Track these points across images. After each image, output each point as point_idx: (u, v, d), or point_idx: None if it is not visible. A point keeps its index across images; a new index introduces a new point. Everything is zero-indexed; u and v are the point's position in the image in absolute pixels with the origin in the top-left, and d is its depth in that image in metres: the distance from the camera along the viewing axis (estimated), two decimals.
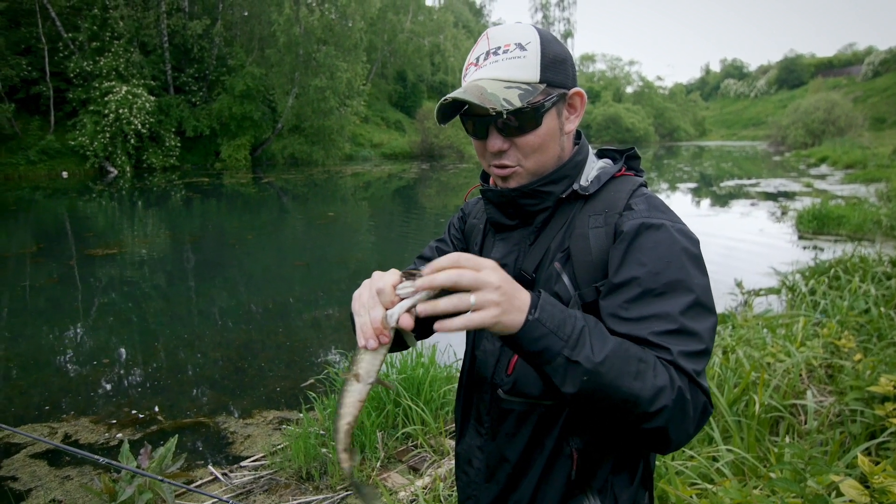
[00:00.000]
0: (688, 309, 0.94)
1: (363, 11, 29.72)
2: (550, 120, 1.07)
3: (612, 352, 0.86)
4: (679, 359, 0.91)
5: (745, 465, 2.62)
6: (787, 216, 12.98)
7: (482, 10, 66.73)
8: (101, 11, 25.27)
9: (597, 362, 0.84)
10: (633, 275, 0.97)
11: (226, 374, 5.10)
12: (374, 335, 0.89)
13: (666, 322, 0.93)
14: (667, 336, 0.92)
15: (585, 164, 1.15)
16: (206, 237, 11.97)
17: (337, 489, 3.14)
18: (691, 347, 0.93)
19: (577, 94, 1.10)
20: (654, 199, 1.07)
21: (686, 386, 0.90)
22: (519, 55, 1.04)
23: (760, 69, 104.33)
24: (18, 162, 22.75)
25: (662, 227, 1.00)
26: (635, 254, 0.98)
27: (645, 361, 0.88)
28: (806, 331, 4.12)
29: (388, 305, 0.89)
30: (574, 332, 0.86)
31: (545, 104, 1.05)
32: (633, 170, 1.17)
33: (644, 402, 0.86)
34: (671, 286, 0.95)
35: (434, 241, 1.39)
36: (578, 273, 1.05)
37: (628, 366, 0.86)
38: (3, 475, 3.49)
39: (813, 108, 41.17)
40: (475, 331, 1.26)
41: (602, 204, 1.08)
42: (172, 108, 26.61)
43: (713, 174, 26.86)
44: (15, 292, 7.68)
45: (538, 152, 1.08)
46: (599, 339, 0.87)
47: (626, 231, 1.01)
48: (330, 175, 25.45)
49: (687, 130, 77.96)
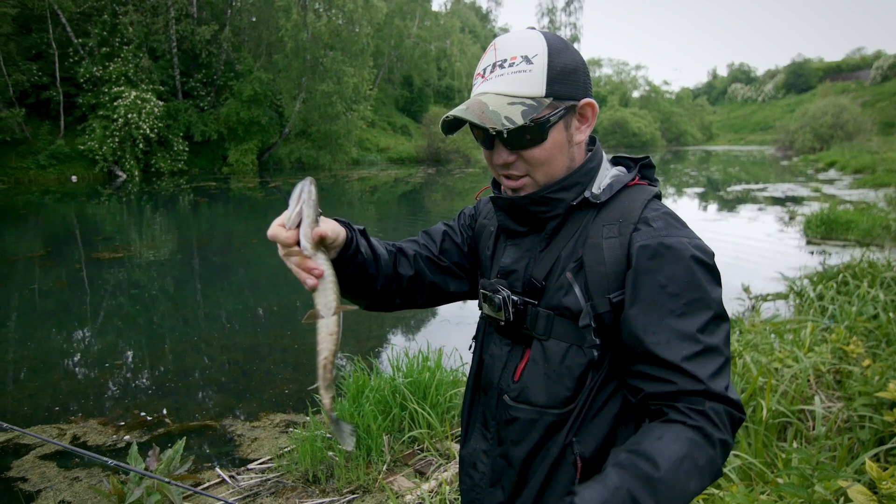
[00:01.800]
0: (707, 325, 0.97)
1: (370, 17, 29.88)
2: (557, 133, 1.06)
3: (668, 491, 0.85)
4: (709, 384, 0.94)
5: (753, 471, 2.61)
6: (795, 221, 12.92)
7: (488, 15, 66.92)
8: (110, 17, 25.57)
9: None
10: (654, 298, 0.98)
11: (233, 377, 5.12)
12: (305, 274, 0.98)
13: (692, 344, 0.95)
14: (695, 361, 0.94)
15: (598, 172, 1.14)
16: (213, 241, 12.03)
17: (343, 493, 3.15)
18: (715, 365, 0.96)
19: (587, 105, 1.09)
20: (669, 216, 1.06)
21: (723, 423, 0.93)
22: (525, 69, 1.03)
23: (768, 73, 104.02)
24: (29, 166, 22.97)
25: (679, 246, 1.00)
26: (654, 275, 0.99)
27: (687, 457, 0.88)
28: (814, 336, 4.10)
29: (292, 241, 0.97)
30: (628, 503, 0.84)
31: (551, 119, 1.04)
32: (646, 179, 1.17)
33: (706, 485, 0.91)
34: (690, 305, 0.97)
35: (442, 223, 1.38)
36: (591, 284, 1.04)
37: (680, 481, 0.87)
38: (13, 476, 3.52)
39: (821, 112, 40.95)
40: (483, 334, 1.28)
41: (616, 213, 1.07)
42: (181, 112, 26.82)
43: (720, 179, 26.77)
44: (24, 295, 7.75)
45: (545, 165, 1.08)
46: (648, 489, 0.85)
47: (642, 251, 1.00)
48: (336, 179, 25.54)
49: (694, 135, 77.80)
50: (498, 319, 1.15)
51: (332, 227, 1.02)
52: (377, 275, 1.19)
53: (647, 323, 0.97)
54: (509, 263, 1.17)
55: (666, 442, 0.90)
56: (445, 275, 1.33)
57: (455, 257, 1.33)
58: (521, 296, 1.12)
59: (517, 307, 1.11)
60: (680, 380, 0.94)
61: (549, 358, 1.08)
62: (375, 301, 1.27)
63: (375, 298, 1.25)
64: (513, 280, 1.16)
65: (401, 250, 1.28)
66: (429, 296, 1.33)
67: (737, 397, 0.96)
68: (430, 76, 43.87)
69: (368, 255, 1.16)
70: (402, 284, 1.26)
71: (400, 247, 1.29)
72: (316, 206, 0.98)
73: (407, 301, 1.31)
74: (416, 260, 1.29)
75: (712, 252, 1.04)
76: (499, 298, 1.13)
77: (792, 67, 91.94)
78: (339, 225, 1.07)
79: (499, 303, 1.13)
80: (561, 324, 1.07)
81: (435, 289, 1.32)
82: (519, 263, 1.15)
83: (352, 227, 1.14)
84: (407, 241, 1.34)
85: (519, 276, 1.15)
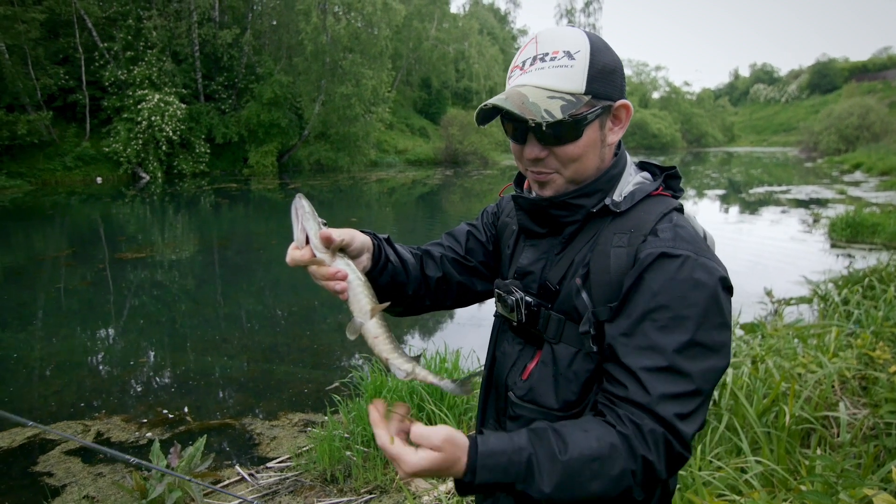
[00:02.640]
0: (686, 347, 0.92)
1: (389, 19, 30.03)
2: (592, 132, 1.05)
3: (562, 476, 0.87)
4: (657, 403, 0.90)
5: (775, 477, 2.56)
6: (820, 224, 12.68)
7: (507, 16, 66.77)
8: (135, 22, 26.05)
9: (548, 493, 0.86)
10: (641, 303, 0.96)
11: (252, 377, 5.18)
12: (332, 282, 1.00)
13: (658, 358, 0.92)
14: (654, 374, 0.91)
15: (621, 178, 1.12)
16: (233, 242, 12.18)
17: (361, 492, 3.17)
18: (677, 389, 0.91)
19: (623, 107, 1.08)
20: (683, 229, 1.02)
21: (655, 443, 0.90)
22: (566, 64, 1.02)
23: (791, 74, 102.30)
24: (55, 168, 23.49)
25: (683, 260, 0.96)
26: (649, 283, 0.96)
27: (598, 458, 0.88)
28: (839, 341, 4.02)
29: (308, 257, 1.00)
30: (522, 469, 0.87)
31: (588, 117, 1.03)
32: (671, 189, 1.14)
33: (608, 494, 0.89)
34: (676, 321, 0.93)
35: (465, 223, 1.39)
36: (595, 291, 1.04)
37: (582, 475, 0.87)
38: (39, 471, 3.60)
39: (847, 113, 40.19)
40: (497, 331, 1.29)
41: (630, 223, 1.05)
42: (202, 115, 27.22)
43: (742, 181, 26.39)
44: (50, 294, 7.93)
45: (577, 162, 1.07)
46: (549, 464, 0.87)
47: (644, 258, 0.98)
48: (355, 181, 25.70)
49: (715, 136, 76.85)
50: (511, 319, 1.16)
51: (339, 231, 1.04)
52: (407, 281, 1.21)
53: (626, 326, 0.96)
54: (526, 265, 1.17)
55: (588, 436, 0.90)
56: (472, 275, 1.34)
57: (480, 256, 1.35)
58: (535, 297, 1.13)
59: (530, 309, 1.12)
60: (631, 387, 0.93)
61: (557, 361, 1.08)
62: (408, 306, 1.29)
63: (408, 304, 1.27)
64: (528, 281, 1.16)
65: (427, 252, 1.30)
66: (457, 296, 1.35)
67: (686, 432, 0.91)
68: (448, 78, 43.92)
69: (397, 263, 1.18)
70: (431, 286, 1.28)
71: (426, 249, 1.31)
72: (314, 216, 1.00)
73: (436, 302, 1.32)
74: (442, 262, 1.30)
75: (721, 275, 0.98)
76: (511, 300, 1.14)
77: (816, 67, 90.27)
78: (353, 230, 1.08)
79: (511, 304, 1.14)
80: (571, 328, 1.07)
81: (463, 289, 1.34)
82: (536, 265, 1.15)
83: (377, 237, 1.16)
84: (432, 244, 1.35)
85: (535, 278, 1.15)
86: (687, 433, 0.91)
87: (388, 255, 1.16)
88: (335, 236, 1.01)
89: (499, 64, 47.05)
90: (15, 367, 5.40)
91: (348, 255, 1.04)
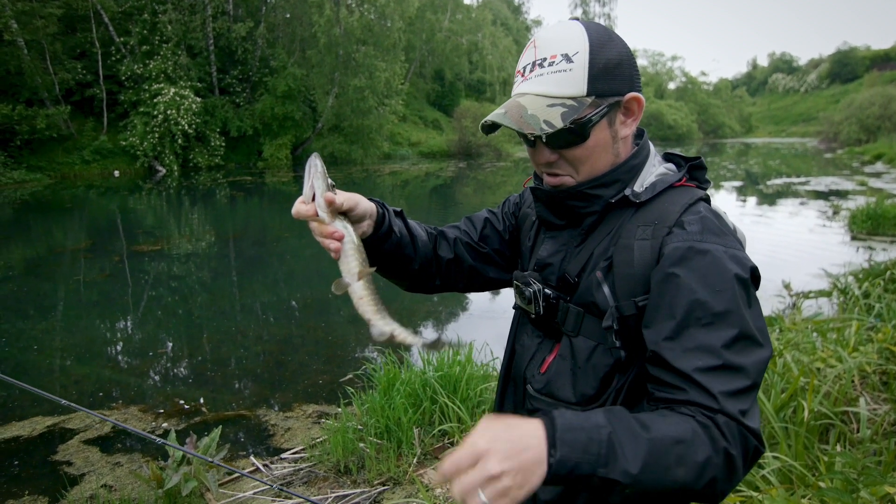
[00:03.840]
0: (734, 342, 0.90)
1: (402, 11, 29.92)
2: (599, 131, 1.03)
3: (648, 455, 0.79)
4: (723, 402, 0.87)
5: (793, 474, 2.53)
6: (839, 216, 12.47)
7: (521, 7, 66.25)
8: (150, 16, 26.21)
9: (636, 474, 0.78)
10: (678, 303, 0.92)
11: (267, 368, 5.22)
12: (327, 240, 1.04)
13: (710, 357, 0.89)
14: (710, 374, 0.88)
15: (643, 169, 1.10)
16: (248, 234, 12.27)
17: (374, 484, 3.18)
18: (735, 385, 0.88)
19: (633, 99, 1.05)
20: (709, 220, 0.99)
21: (733, 437, 0.85)
22: (565, 68, 1.00)
23: (811, 63, 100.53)
24: (74, 161, 23.81)
25: (712, 253, 0.94)
26: (683, 280, 0.93)
27: (682, 441, 0.82)
28: (859, 335, 3.95)
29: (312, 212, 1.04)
30: (603, 448, 0.78)
31: (592, 119, 1.01)
32: (696, 180, 1.11)
33: (692, 484, 0.82)
34: (718, 317, 0.90)
35: (486, 210, 1.39)
36: (618, 285, 1.01)
37: (668, 457, 0.80)
38: (58, 459, 3.67)
39: (868, 102, 39.43)
40: (517, 324, 1.27)
41: (653, 215, 1.03)
42: (217, 108, 27.38)
43: (760, 172, 26.01)
44: (69, 286, 8.05)
45: (587, 163, 1.06)
46: (631, 442, 0.80)
47: (671, 253, 0.95)
48: (368, 174, 25.74)
49: (732, 127, 75.84)
50: (529, 311, 1.15)
51: (344, 195, 1.06)
52: (414, 256, 1.23)
53: (669, 329, 0.92)
54: (545, 256, 1.16)
55: (668, 421, 0.84)
56: (485, 262, 1.35)
57: (496, 244, 1.34)
58: (554, 290, 1.11)
59: (549, 301, 1.10)
60: (691, 390, 0.88)
61: (575, 354, 1.07)
62: (414, 282, 1.30)
63: (414, 279, 1.28)
64: (547, 273, 1.15)
65: (441, 233, 1.32)
66: (468, 280, 1.35)
67: (756, 426, 0.88)
68: (461, 70, 43.71)
69: (404, 235, 1.20)
70: (442, 266, 1.29)
71: (441, 230, 1.33)
72: (324, 177, 1.04)
73: (447, 283, 1.33)
74: (456, 244, 1.31)
75: (751, 265, 0.96)
76: (530, 291, 1.12)
77: (837, 56, 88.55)
78: (358, 196, 1.10)
79: (529, 296, 1.12)
80: (590, 322, 1.05)
81: (474, 273, 1.34)
82: (555, 257, 1.14)
83: (385, 206, 1.17)
84: (449, 226, 1.36)
85: (554, 270, 1.13)
86: (756, 428, 0.88)
87: (391, 225, 1.17)
88: (338, 199, 1.04)
89: (512, 55, 46.69)
90: (35, 357, 5.49)
91: (350, 219, 1.08)
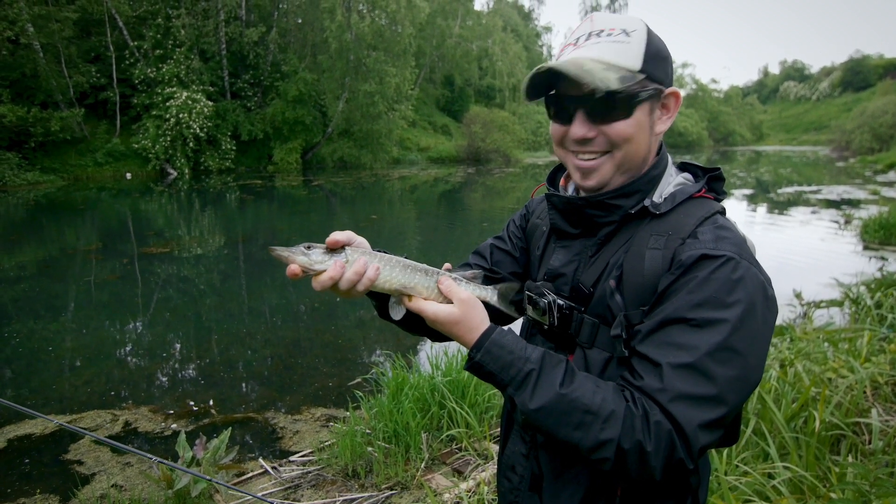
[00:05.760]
0: (718, 350, 0.87)
1: (413, 17, 30.07)
2: (642, 113, 1.02)
3: (550, 402, 0.90)
4: (671, 400, 0.86)
5: (804, 484, 2.51)
6: (852, 225, 12.36)
7: (531, 13, 66.37)
8: (164, 21, 26.54)
9: (530, 409, 0.91)
10: (675, 301, 0.92)
11: (275, 371, 5.24)
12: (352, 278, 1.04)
13: (685, 355, 0.88)
14: (676, 370, 0.88)
15: (661, 179, 1.08)
16: (257, 237, 12.34)
17: (382, 488, 3.18)
18: (696, 390, 0.86)
19: (672, 95, 1.05)
20: (724, 231, 0.97)
21: (657, 438, 0.85)
22: (624, 40, 1.00)
23: (823, 71, 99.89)
24: (87, 164, 24.08)
25: (725, 261, 0.92)
26: (688, 282, 0.92)
27: (594, 413, 0.88)
28: (871, 346, 3.91)
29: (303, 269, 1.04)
30: (519, 376, 0.93)
31: (641, 94, 1.00)
32: (714, 192, 1.09)
33: (584, 451, 0.89)
34: (711, 322, 0.88)
35: (491, 239, 1.38)
36: (627, 293, 1.00)
37: (569, 417, 0.89)
38: (69, 459, 3.70)
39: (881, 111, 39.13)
40: (527, 334, 1.27)
41: (668, 225, 1.01)
42: (229, 112, 27.61)
43: (770, 180, 25.86)
44: (80, 287, 8.13)
45: (628, 143, 1.02)
46: (543, 388, 0.91)
47: (683, 260, 0.94)
48: (377, 178, 25.82)
49: (743, 135, 75.49)
50: (542, 323, 1.13)
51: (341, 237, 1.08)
52: None
53: (657, 322, 0.93)
54: (557, 266, 1.14)
55: (597, 391, 0.91)
56: None
57: (509, 267, 1.32)
58: (567, 300, 1.09)
59: (563, 312, 1.08)
60: (648, 378, 0.90)
61: (589, 367, 1.05)
62: None
63: None
64: (560, 284, 1.12)
65: None
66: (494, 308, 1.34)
67: (698, 439, 0.86)
68: (471, 75, 43.83)
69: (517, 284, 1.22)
70: None
71: None
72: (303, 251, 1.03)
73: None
74: None
75: (763, 280, 0.93)
76: (544, 302, 1.10)
77: (849, 64, 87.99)
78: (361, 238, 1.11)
79: (543, 307, 1.10)
80: (604, 332, 1.03)
81: None
82: (568, 267, 1.12)
83: None
84: (459, 266, 1.35)
85: (567, 280, 1.11)
86: (697, 440, 0.86)
87: None
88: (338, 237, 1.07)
89: (522, 61, 46.77)
90: (47, 357, 5.55)
91: None
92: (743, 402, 0.90)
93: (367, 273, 1.02)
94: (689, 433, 0.85)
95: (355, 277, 1.01)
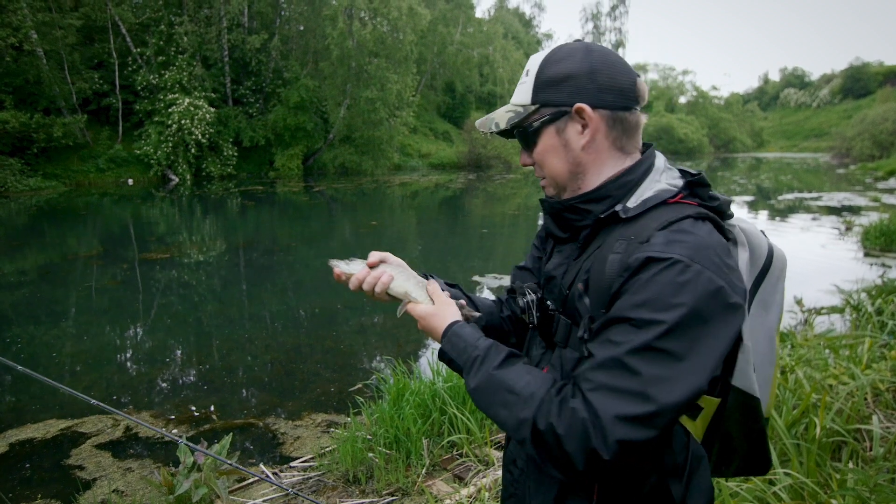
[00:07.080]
0: (643, 349, 0.88)
1: (414, 24, 30.17)
2: (548, 137, 1.11)
3: (483, 382, 1.04)
4: (592, 391, 0.90)
5: (805, 490, 2.51)
6: (852, 232, 12.37)
7: (532, 21, 66.62)
8: (167, 27, 26.64)
9: (471, 388, 1.06)
10: (622, 301, 0.94)
11: (276, 377, 5.24)
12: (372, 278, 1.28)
13: (612, 349, 0.91)
14: (604, 363, 0.91)
15: (640, 184, 1.08)
16: (258, 243, 12.36)
17: (382, 494, 3.18)
18: (618, 383, 0.88)
19: (578, 110, 1.06)
20: (681, 234, 0.96)
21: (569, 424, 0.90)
22: (524, 81, 1.14)
23: (823, 78, 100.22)
24: (89, 169, 24.13)
25: (670, 263, 0.91)
26: (633, 284, 0.93)
27: (517, 393, 0.98)
28: (872, 352, 3.91)
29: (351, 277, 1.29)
30: (469, 361, 1.08)
31: (533, 124, 1.11)
32: (698, 197, 1.07)
33: (509, 429, 0.99)
34: (648, 322, 0.89)
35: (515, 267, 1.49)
36: (592, 296, 1.03)
37: (496, 396, 1.01)
38: (70, 464, 3.70)
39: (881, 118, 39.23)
40: (529, 336, 1.30)
41: (632, 230, 1.01)
42: (231, 119, 27.68)
43: (771, 187, 25.88)
44: (81, 292, 8.14)
45: (547, 165, 1.14)
46: (480, 369, 1.05)
47: (630, 263, 0.95)
48: (378, 185, 25.87)
49: (743, 141, 75.56)
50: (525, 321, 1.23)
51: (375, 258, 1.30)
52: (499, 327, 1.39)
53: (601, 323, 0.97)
54: (550, 270, 1.19)
55: (526, 375, 1.01)
56: None
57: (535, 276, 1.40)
58: (554, 301, 1.15)
59: (545, 313, 1.16)
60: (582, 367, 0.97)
61: (563, 366, 1.09)
62: None
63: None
64: (552, 286, 1.17)
65: (498, 299, 1.46)
66: None
67: (614, 432, 0.86)
68: (472, 82, 43.91)
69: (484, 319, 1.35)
70: (508, 324, 1.40)
71: (497, 297, 1.47)
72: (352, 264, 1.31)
73: (521, 337, 1.38)
74: (508, 301, 1.42)
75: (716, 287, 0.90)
76: (523, 301, 1.19)
77: (849, 71, 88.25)
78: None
79: (523, 305, 1.19)
80: (576, 333, 1.07)
81: None
82: (558, 270, 1.17)
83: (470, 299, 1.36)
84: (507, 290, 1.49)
85: (557, 283, 1.16)
86: (614, 431, 0.86)
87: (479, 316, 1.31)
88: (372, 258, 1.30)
89: (522, 68, 46.63)
90: (47, 362, 5.55)
91: None
92: (682, 407, 0.88)
93: (383, 278, 1.24)
94: (605, 422, 0.87)
95: (374, 280, 1.24)
